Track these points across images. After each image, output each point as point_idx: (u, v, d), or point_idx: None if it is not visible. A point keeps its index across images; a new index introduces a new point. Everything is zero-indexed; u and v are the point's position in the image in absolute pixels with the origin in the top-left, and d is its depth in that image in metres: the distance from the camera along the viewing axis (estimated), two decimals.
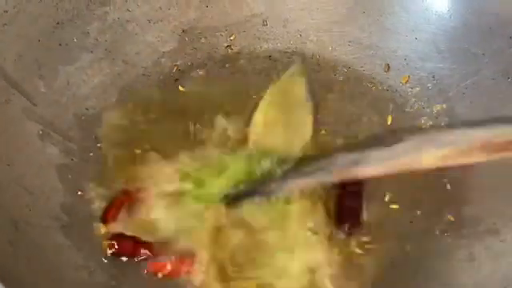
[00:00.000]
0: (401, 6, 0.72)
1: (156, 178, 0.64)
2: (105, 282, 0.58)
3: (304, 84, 0.71)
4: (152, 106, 0.70)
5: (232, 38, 0.74)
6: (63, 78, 0.67)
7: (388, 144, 0.54)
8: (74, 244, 0.59)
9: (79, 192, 0.63)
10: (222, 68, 0.73)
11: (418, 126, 0.69)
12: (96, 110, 0.68)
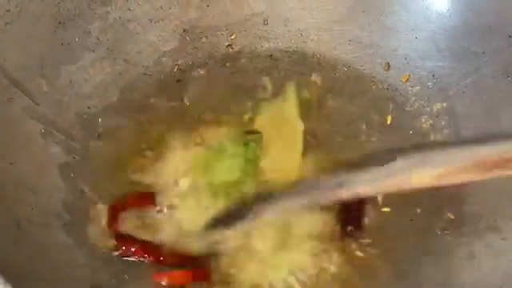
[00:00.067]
0: (401, 4, 0.72)
1: (158, 177, 0.64)
2: (106, 280, 0.58)
3: (296, 108, 0.69)
4: (153, 105, 0.70)
5: (233, 37, 0.74)
6: (65, 77, 0.67)
7: (379, 164, 0.54)
8: (76, 242, 0.59)
9: (81, 190, 0.63)
10: (222, 67, 0.74)
11: (418, 125, 0.70)
12: (98, 108, 0.68)
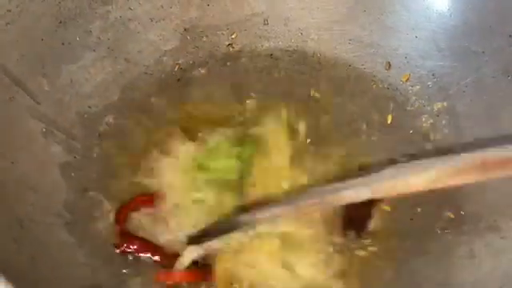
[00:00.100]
0: (401, 4, 0.72)
1: (159, 177, 0.65)
2: (107, 278, 0.58)
3: (285, 132, 0.68)
4: (154, 105, 0.70)
5: (233, 36, 0.75)
6: (66, 77, 0.67)
7: (376, 170, 0.54)
8: (77, 241, 0.60)
9: (82, 190, 0.63)
10: (223, 66, 0.74)
11: (419, 124, 0.70)
12: (98, 108, 0.68)
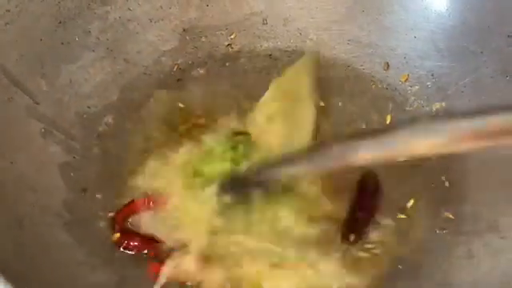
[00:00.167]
0: (400, 4, 0.72)
1: (158, 177, 0.64)
2: (107, 277, 0.58)
3: (309, 79, 0.70)
4: (153, 105, 0.70)
5: (232, 36, 0.75)
6: (65, 77, 0.67)
7: (382, 135, 0.53)
8: (76, 241, 0.59)
9: (81, 190, 0.63)
10: (222, 67, 0.74)
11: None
12: (98, 108, 0.68)
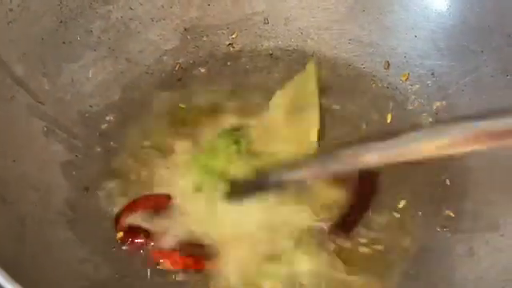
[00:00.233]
0: (400, 4, 0.72)
1: (160, 177, 0.65)
2: (109, 275, 0.58)
3: (315, 85, 0.70)
4: (154, 104, 0.70)
5: (234, 36, 0.75)
6: (67, 76, 0.67)
7: (388, 138, 0.54)
8: (79, 239, 0.60)
9: (83, 188, 0.63)
10: (223, 66, 0.74)
11: (418, 123, 0.70)
12: (100, 107, 0.68)
